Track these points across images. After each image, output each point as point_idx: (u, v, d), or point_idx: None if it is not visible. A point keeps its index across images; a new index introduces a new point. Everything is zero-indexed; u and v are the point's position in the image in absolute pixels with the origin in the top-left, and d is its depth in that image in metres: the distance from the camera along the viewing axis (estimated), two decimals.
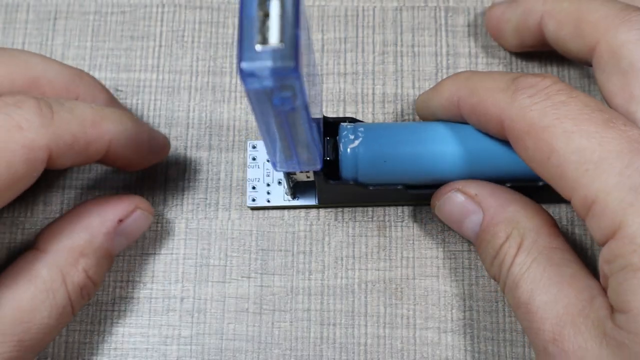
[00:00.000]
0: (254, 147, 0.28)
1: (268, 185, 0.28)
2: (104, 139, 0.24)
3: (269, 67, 0.17)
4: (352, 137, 0.25)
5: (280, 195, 0.28)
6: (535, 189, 0.25)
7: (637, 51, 0.22)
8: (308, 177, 0.26)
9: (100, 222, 0.24)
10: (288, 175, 0.26)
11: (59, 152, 0.22)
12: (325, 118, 0.26)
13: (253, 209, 0.28)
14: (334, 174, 0.25)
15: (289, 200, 0.28)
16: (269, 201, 0.28)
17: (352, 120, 0.26)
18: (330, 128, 0.26)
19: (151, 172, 0.29)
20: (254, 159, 0.28)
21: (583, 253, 0.28)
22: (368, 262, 0.28)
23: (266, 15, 0.17)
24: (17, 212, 0.28)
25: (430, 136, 0.25)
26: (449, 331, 0.27)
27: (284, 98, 0.18)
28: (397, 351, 0.27)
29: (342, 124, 0.25)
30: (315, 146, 0.22)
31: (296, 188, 0.28)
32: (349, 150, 0.25)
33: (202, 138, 0.29)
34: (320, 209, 0.28)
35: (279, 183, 0.28)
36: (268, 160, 0.28)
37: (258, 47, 0.17)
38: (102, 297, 0.27)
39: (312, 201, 0.28)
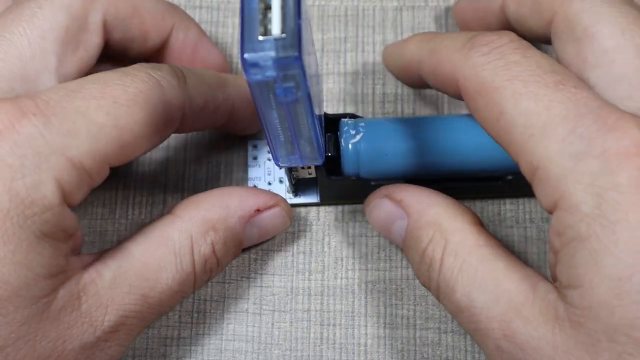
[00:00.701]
0: (254, 146, 0.28)
1: (269, 184, 0.28)
2: (228, 103, 0.25)
3: (272, 57, 0.17)
4: (353, 132, 0.25)
5: (281, 193, 0.28)
6: None
7: (590, 18, 0.22)
8: (310, 173, 0.26)
9: (239, 204, 0.24)
10: (290, 172, 0.26)
11: (191, 114, 0.23)
12: (325, 114, 0.26)
13: None
14: (335, 170, 0.25)
15: (291, 198, 0.28)
16: None
17: (353, 116, 0.26)
18: (331, 124, 0.26)
19: (151, 172, 0.29)
20: (254, 158, 0.28)
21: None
22: (368, 263, 0.28)
23: (267, 8, 0.18)
24: None
25: (432, 130, 0.25)
26: (449, 331, 0.27)
27: (286, 89, 0.19)
28: (397, 352, 0.27)
29: (342, 119, 0.26)
30: (317, 139, 0.22)
31: (298, 186, 0.28)
32: (350, 145, 0.25)
33: (202, 138, 0.29)
34: (321, 209, 0.28)
35: (280, 181, 0.28)
36: (269, 159, 0.28)
37: (260, 38, 0.17)
38: None
39: (313, 199, 0.28)
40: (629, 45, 0.21)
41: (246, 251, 0.28)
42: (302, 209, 0.28)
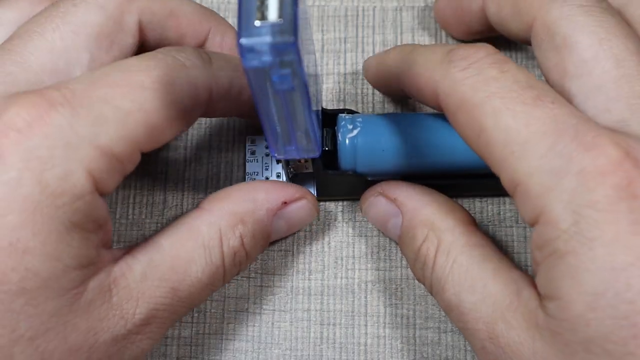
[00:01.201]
0: (252, 141, 0.28)
1: (267, 178, 0.28)
2: None
3: (268, 42, 0.17)
4: (350, 127, 0.25)
5: None
6: None
7: (569, 27, 0.22)
8: (307, 168, 0.26)
9: (266, 197, 0.25)
10: (287, 167, 0.26)
11: (217, 96, 0.23)
12: (323, 109, 0.26)
13: None
14: (332, 165, 0.26)
15: None
16: None
17: (351, 112, 0.26)
18: (328, 119, 0.26)
19: (151, 172, 0.29)
20: (252, 153, 0.28)
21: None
22: (368, 262, 0.28)
23: None
24: None
25: (429, 126, 0.25)
26: (449, 331, 0.27)
27: (282, 76, 0.19)
28: (397, 351, 0.27)
29: (340, 114, 0.26)
30: (313, 131, 0.22)
31: (295, 181, 0.28)
32: (347, 140, 0.25)
33: (202, 138, 0.29)
34: (321, 209, 0.28)
35: (278, 176, 0.28)
36: (267, 154, 0.28)
37: (257, 23, 0.17)
38: None
39: None
40: (607, 56, 0.21)
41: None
42: None
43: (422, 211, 0.24)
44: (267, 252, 0.28)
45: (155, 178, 0.29)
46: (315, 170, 0.26)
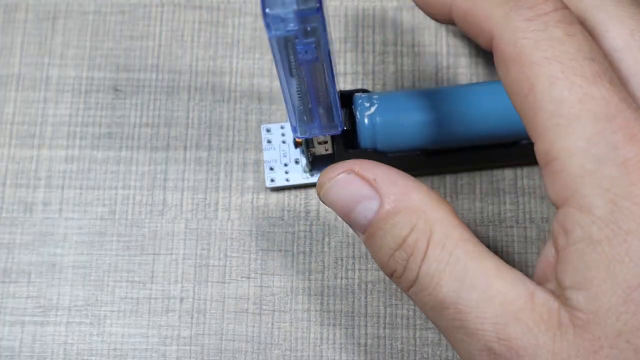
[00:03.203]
0: (268, 130, 0.29)
1: (285, 165, 0.28)
2: None
3: (293, 9, 0.18)
4: (367, 104, 0.25)
5: (297, 173, 0.28)
6: None
7: (600, 15, 0.21)
8: (326, 149, 0.26)
9: None
10: (307, 148, 0.27)
11: None
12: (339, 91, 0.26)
13: (272, 189, 0.28)
14: (352, 144, 0.26)
15: (308, 178, 0.28)
16: (287, 180, 0.28)
17: (365, 91, 0.26)
18: (344, 100, 0.26)
19: (151, 172, 0.29)
20: (269, 141, 0.28)
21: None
22: (368, 263, 0.28)
23: None
24: (17, 212, 0.28)
25: (445, 99, 0.25)
26: None
27: (307, 44, 0.19)
28: (397, 352, 0.27)
29: (356, 94, 0.26)
30: (335, 104, 0.22)
31: (315, 163, 0.28)
32: (365, 118, 0.25)
33: (202, 138, 0.29)
34: (321, 209, 0.28)
35: (296, 162, 0.28)
36: (284, 142, 0.28)
37: None
38: (101, 297, 0.27)
39: None
40: (638, 46, 0.21)
41: (246, 251, 0.28)
42: (302, 209, 0.28)
43: (411, 197, 0.22)
44: (267, 252, 0.28)
45: (155, 178, 0.29)
46: (336, 149, 0.26)
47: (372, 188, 0.22)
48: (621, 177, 0.18)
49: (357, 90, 0.26)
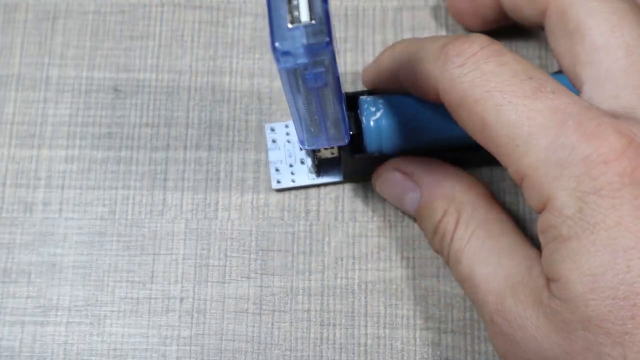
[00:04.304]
0: (272, 129, 0.28)
1: (291, 166, 0.28)
2: None
3: (303, 44, 0.18)
4: (373, 109, 0.25)
5: (303, 174, 0.28)
6: None
7: (582, 13, 0.22)
8: (333, 153, 0.26)
9: None
10: (313, 153, 0.27)
11: None
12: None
13: (278, 190, 0.28)
14: (357, 148, 0.26)
15: (314, 179, 0.28)
16: (293, 181, 0.28)
17: (370, 93, 0.26)
18: (349, 102, 0.26)
19: (151, 172, 0.29)
20: (273, 141, 0.28)
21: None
22: (368, 263, 0.28)
23: None
24: (17, 212, 0.28)
25: None
26: (449, 331, 0.27)
27: (316, 74, 0.19)
28: (397, 352, 0.27)
29: (361, 97, 0.26)
30: (344, 121, 0.22)
31: (321, 165, 0.28)
32: (371, 122, 0.25)
33: (202, 138, 0.29)
34: (321, 209, 0.28)
35: (302, 162, 0.28)
36: (289, 141, 0.28)
37: (290, 26, 0.18)
38: (101, 297, 0.27)
39: (336, 178, 0.28)
40: (619, 44, 0.21)
41: (246, 251, 0.28)
42: (302, 209, 0.28)
43: (442, 184, 0.25)
44: (267, 252, 0.28)
45: (155, 178, 0.29)
46: (342, 155, 0.26)
47: (413, 181, 0.25)
48: (584, 174, 0.19)
49: (362, 92, 0.26)
